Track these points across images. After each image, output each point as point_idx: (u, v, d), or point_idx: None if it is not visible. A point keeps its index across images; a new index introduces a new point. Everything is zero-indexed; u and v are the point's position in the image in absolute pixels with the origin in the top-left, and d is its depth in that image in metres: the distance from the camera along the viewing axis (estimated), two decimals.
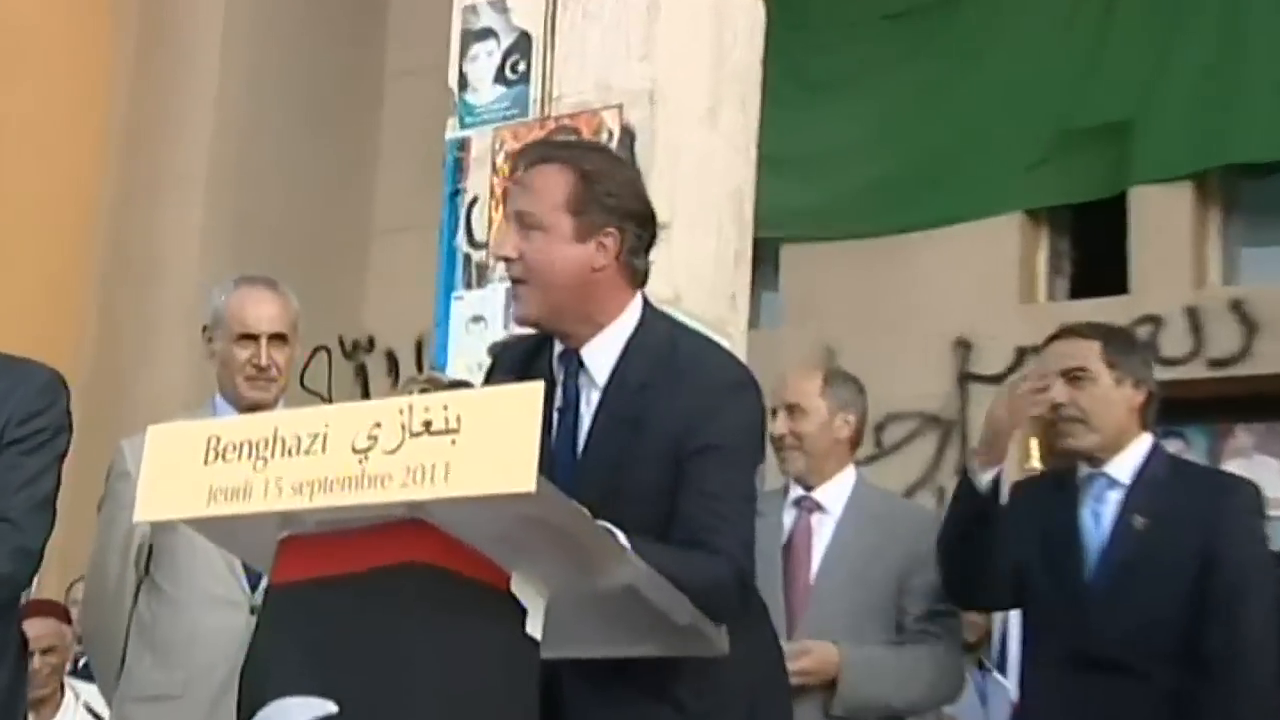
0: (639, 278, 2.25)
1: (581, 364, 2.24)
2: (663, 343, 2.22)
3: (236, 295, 3.19)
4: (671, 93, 4.05)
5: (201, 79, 6.42)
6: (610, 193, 2.18)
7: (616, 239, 2.19)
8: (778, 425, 3.23)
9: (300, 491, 1.77)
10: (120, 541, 3.11)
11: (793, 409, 3.27)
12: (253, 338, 3.13)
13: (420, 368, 6.46)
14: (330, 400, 6.51)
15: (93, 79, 6.58)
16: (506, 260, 2.20)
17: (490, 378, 2.38)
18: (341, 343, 6.78)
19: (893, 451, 5.56)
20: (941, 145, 5.69)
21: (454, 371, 4.43)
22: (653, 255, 2.32)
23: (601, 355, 2.22)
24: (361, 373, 6.90)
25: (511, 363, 2.35)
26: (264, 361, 3.10)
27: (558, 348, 2.28)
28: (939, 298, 5.65)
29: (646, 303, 2.28)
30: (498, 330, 4.38)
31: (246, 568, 2.96)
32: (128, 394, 6.30)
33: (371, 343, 6.90)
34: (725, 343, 3.51)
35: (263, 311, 3.15)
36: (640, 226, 2.22)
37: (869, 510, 3.23)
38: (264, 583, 2.91)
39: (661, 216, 3.32)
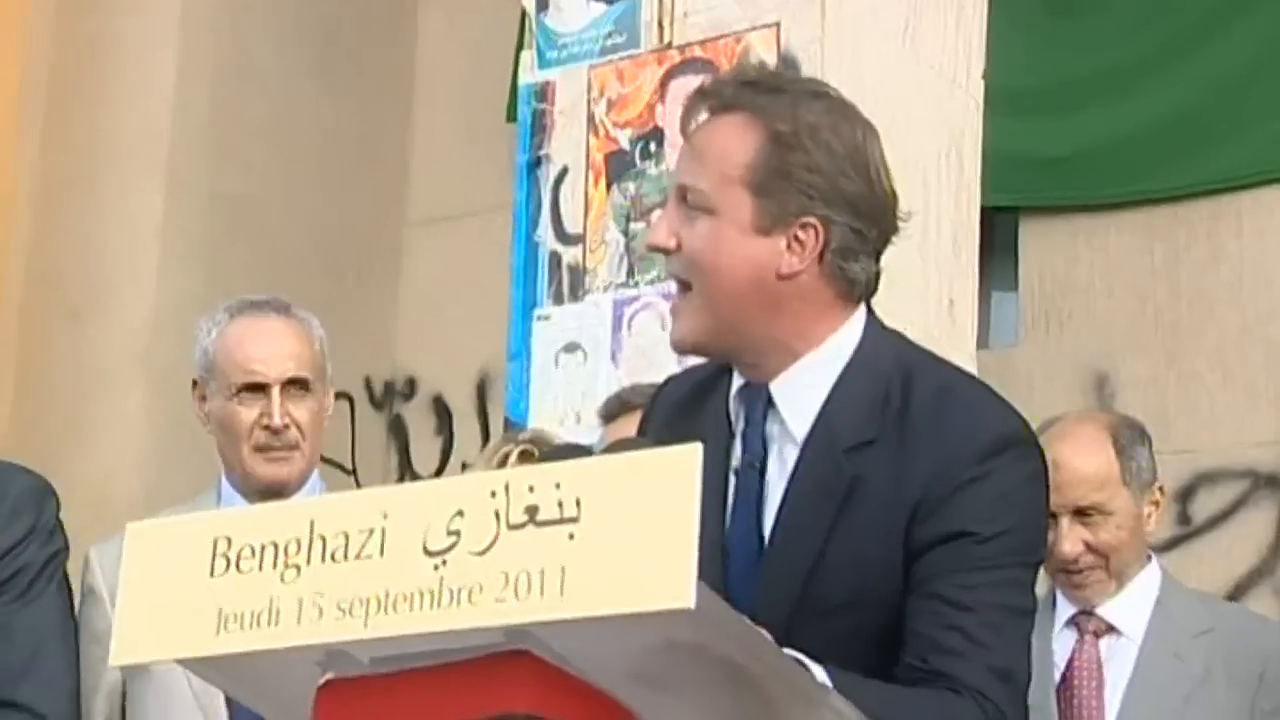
0: (857, 290, 2.29)
1: (771, 405, 2.28)
2: (891, 377, 2.25)
3: (233, 328, 3.28)
4: (852, 4, 4.09)
5: (158, 8, 6.57)
6: (814, 165, 2.21)
7: (817, 234, 2.22)
8: (1063, 543, 3.24)
9: (349, 614, 1.81)
10: (90, 692, 3.21)
11: (1087, 514, 3.27)
12: (260, 388, 3.22)
13: (484, 419, 6.54)
14: (354, 471, 6.62)
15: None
16: (661, 251, 2.26)
17: (643, 432, 2.44)
18: (369, 386, 6.88)
19: (1208, 530, 5.48)
20: (1265, 62, 5.63)
21: (538, 425, 4.49)
22: None
23: (801, 393, 2.26)
24: (398, 429, 7.00)
25: (670, 408, 2.41)
26: (278, 421, 3.18)
27: (738, 381, 2.33)
28: (1272, 292, 5.57)
29: (871, 320, 2.32)
30: (602, 364, 4.45)
31: None
32: (60, 473, 6.43)
33: (411, 386, 6.99)
34: None
35: (273, 348, 3.23)
36: (860, 218, 2.24)
37: (1187, 626, 3.23)
38: None
39: None
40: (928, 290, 4.15)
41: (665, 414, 2.40)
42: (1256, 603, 5.20)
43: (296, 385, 3.23)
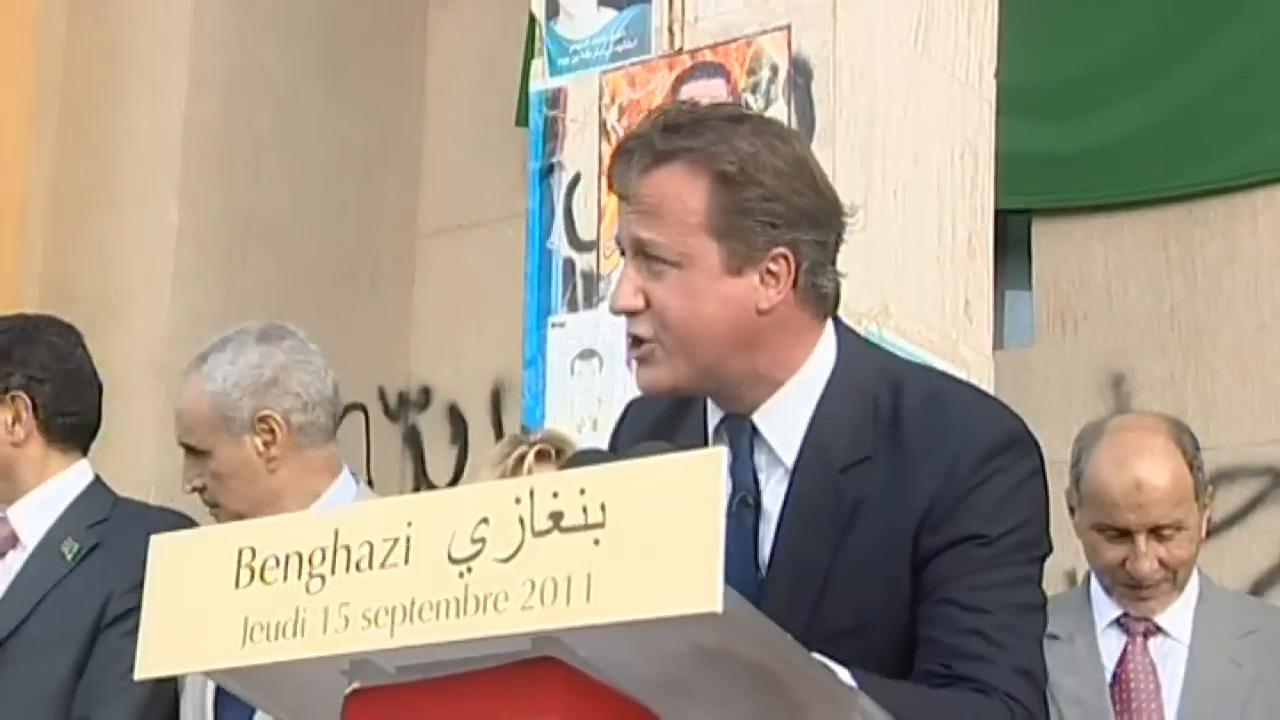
0: (828, 301, 2.27)
1: (757, 435, 2.26)
2: (877, 389, 2.23)
3: None
4: (864, 6, 4.09)
5: (169, 19, 6.58)
6: (770, 194, 2.18)
7: (789, 262, 2.20)
8: (1141, 563, 3.21)
9: (375, 623, 1.82)
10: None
11: (1163, 531, 3.25)
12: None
13: (500, 428, 6.54)
14: (369, 484, 6.61)
15: (10, 35, 6.79)
16: (629, 314, 2.21)
17: (614, 450, 2.41)
18: (383, 397, 6.88)
19: (1227, 528, 5.47)
20: (1277, 56, 5.62)
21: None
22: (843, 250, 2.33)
23: (785, 419, 2.24)
24: (413, 439, 7.00)
25: (641, 431, 2.37)
26: (186, 485, 3.18)
27: (714, 414, 2.31)
28: None
29: (842, 331, 2.30)
30: (618, 370, 4.44)
31: None
32: None
33: (426, 395, 6.99)
34: (960, 374, 3.53)
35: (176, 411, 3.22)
36: (819, 229, 2.22)
37: (1232, 626, 3.23)
38: None
39: (855, 192, 3.34)
40: (944, 292, 4.14)
41: (637, 437, 2.35)
42: (1277, 600, 5.19)
43: (185, 451, 3.21)
